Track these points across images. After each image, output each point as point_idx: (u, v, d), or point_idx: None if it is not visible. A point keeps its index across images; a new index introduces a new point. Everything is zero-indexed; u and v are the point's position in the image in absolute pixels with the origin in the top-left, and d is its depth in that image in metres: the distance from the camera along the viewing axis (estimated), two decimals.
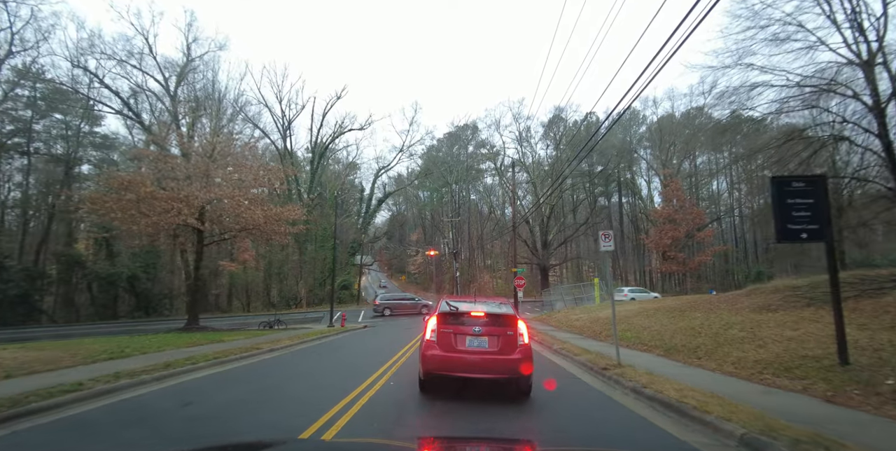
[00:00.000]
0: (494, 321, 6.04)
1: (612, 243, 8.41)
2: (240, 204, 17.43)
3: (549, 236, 43.91)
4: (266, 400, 6.03)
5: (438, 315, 6.16)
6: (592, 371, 8.32)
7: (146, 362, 8.45)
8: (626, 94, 9.09)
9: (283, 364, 9.76)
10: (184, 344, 11.86)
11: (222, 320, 30.68)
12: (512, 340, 5.94)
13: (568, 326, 19.29)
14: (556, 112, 49.75)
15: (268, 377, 8.12)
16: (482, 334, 5.95)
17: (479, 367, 5.84)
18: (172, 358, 8.86)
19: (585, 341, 13.92)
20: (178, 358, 8.85)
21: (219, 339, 13.52)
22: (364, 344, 14.72)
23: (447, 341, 5.96)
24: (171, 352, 10.11)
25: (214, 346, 11.77)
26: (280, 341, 13.48)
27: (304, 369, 8.98)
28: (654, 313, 15.39)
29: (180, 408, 5.58)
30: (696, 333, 10.59)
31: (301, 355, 11.34)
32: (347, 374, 8.24)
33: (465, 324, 6.03)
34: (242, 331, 18.68)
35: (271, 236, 19.75)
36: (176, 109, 27.22)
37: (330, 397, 5.99)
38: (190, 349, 10.81)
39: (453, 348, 5.92)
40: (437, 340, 6.01)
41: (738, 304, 12.83)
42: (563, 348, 11.32)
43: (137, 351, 9.85)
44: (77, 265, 29.15)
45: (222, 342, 12.85)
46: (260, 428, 4.64)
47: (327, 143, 47.36)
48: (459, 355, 5.88)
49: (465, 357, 5.85)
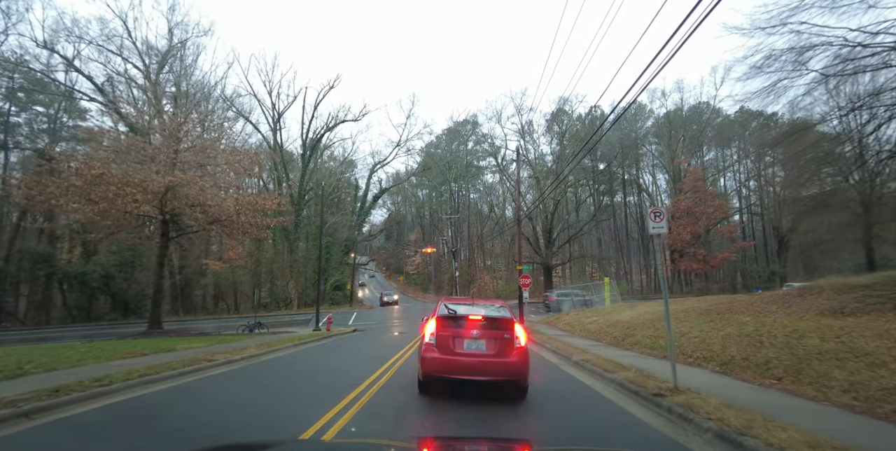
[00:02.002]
0: (492, 325, 6.06)
1: (665, 224, 6.25)
2: (205, 190, 15.15)
3: (553, 235, 41.73)
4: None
5: (437, 318, 6.16)
6: (639, 397, 6.16)
7: (35, 385, 6.26)
8: (635, 82, 8.16)
9: (230, 383, 7.58)
10: (119, 355, 9.68)
11: (204, 322, 28.48)
12: (509, 343, 5.98)
13: (581, 330, 17.12)
14: (559, 104, 47.63)
15: (196, 405, 5.95)
16: (480, 338, 5.99)
17: (477, 370, 5.85)
18: (77, 379, 6.67)
19: (608, 349, 11.75)
20: (85, 379, 6.66)
21: (170, 347, 11.32)
22: (343, 354, 12.54)
23: (446, 343, 5.98)
24: (88, 368, 7.91)
25: (158, 357, 9.58)
26: (244, 349, 11.29)
27: (247, 396, 6.70)
28: (686, 317, 13.22)
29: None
30: (755, 342, 8.42)
31: (259, 371, 9.15)
32: (305, 402, 6.08)
33: (463, 327, 6.04)
34: (214, 336, 16.48)
35: (247, 229, 17.57)
36: (157, 96, 25.17)
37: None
38: (119, 362, 8.63)
39: (451, 351, 5.94)
40: (435, 343, 6.02)
41: (794, 306, 10.67)
42: (585, 361, 9.15)
43: (43, 368, 7.66)
44: (46, 264, 26.93)
45: (172, 352, 10.67)
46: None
47: (320, 134, 45.15)
48: (458, 357, 5.90)
49: (463, 360, 5.88)
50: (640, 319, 15.32)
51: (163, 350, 10.75)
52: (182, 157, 15.49)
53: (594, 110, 52.28)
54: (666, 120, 49.08)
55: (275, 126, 43.63)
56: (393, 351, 11.61)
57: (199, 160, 15.92)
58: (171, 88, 30.98)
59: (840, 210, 29.93)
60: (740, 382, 6.76)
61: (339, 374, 8.42)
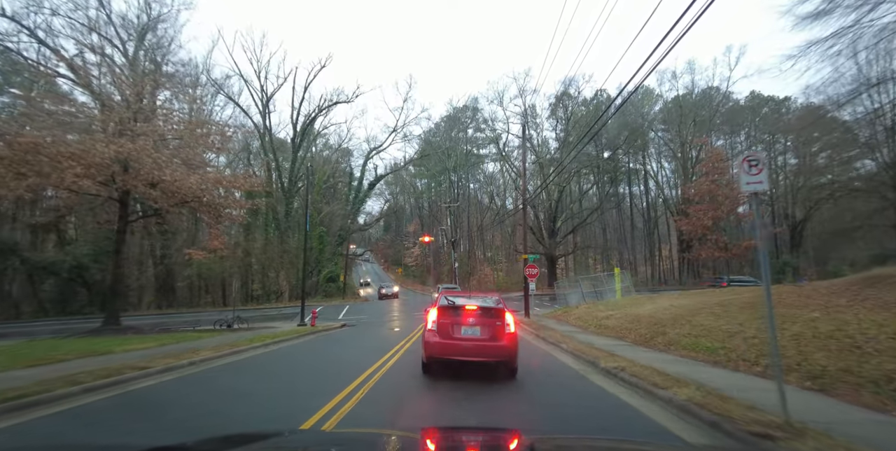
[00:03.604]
0: (485, 313, 6.93)
1: (765, 178, 4.18)
2: (162, 165, 12.88)
3: (557, 224, 39.64)
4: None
5: (438, 308, 7.04)
6: (720, 430, 4.14)
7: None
8: (645, 61, 7.68)
9: (137, 404, 5.56)
10: (32, 360, 7.68)
11: (184, 316, 26.44)
12: (500, 329, 6.79)
13: (597, 326, 15.14)
14: (565, 86, 45.20)
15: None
16: (475, 325, 6.83)
17: (473, 352, 6.69)
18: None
19: (638, 351, 9.74)
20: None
21: (106, 350, 9.31)
22: (324, 355, 10.56)
23: (446, 330, 6.83)
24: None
25: (73, 365, 7.58)
26: (198, 352, 9.28)
27: (134, 434, 4.57)
28: (725, 312, 11.21)
29: None
30: (850, 347, 6.40)
31: (203, 382, 7.15)
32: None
33: (460, 315, 6.90)
34: (178, 333, 14.49)
35: (220, 212, 15.48)
36: (136, 71, 22.85)
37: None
38: (16, 373, 6.62)
39: (451, 336, 6.79)
40: (437, 329, 6.86)
41: (871, 299, 8.66)
42: (619, 369, 7.14)
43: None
44: (11, 253, 24.87)
45: (104, 356, 8.67)
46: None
47: (312, 116, 42.68)
48: (456, 341, 6.75)
49: (460, 344, 6.72)
50: (666, 313, 13.32)
51: (93, 354, 8.74)
52: (136, 128, 13.22)
53: (600, 94, 49.98)
54: (676, 104, 46.75)
55: (264, 110, 41.34)
56: (379, 353, 9.60)
57: (155, 129, 13.65)
58: (150, 65, 28.59)
59: (868, 195, 28.06)
60: (864, 410, 4.73)
61: (290, 396, 6.19)
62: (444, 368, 6.97)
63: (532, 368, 8.07)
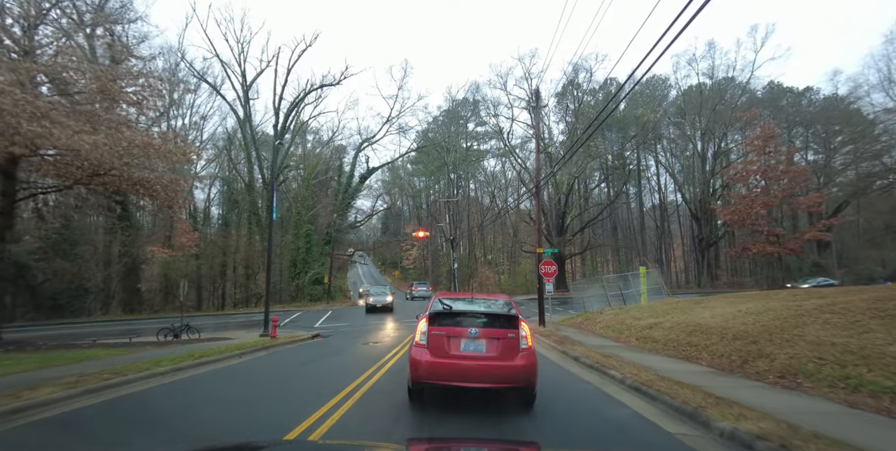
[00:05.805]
0: (493, 322, 5.22)
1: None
2: (52, 123, 9.19)
3: (567, 220, 36.05)
4: None
5: (430, 315, 5.30)
6: None
7: None
8: (659, 40, 6.42)
9: None
10: None
11: (135, 323, 22.56)
12: (513, 343, 5.09)
13: (639, 339, 11.49)
14: (575, 70, 41.67)
15: None
16: (479, 337, 5.12)
17: (476, 375, 4.97)
18: None
19: (739, 385, 6.07)
20: None
21: None
22: (250, 388, 6.87)
23: (439, 344, 5.14)
24: None
25: None
26: (33, 389, 5.63)
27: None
28: (850, 322, 7.59)
29: None
30: None
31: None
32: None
33: (460, 325, 5.20)
34: (77, 350, 10.81)
35: (170, 195, 11.76)
36: (93, 45, 19.37)
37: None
38: None
39: (446, 354, 5.11)
40: (427, 343, 5.18)
41: None
42: (760, 436, 3.52)
43: None
44: None
45: None
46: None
47: (297, 100, 38.98)
48: (453, 361, 5.06)
49: (459, 364, 5.03)
50: (744, 323, 9.64)
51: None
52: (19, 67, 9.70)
53: (609, 84, 46.66)
54: (697, 91, 43.23)
55: (245, 96, 37.80)
56: (347, 379, 6.00)
57: (35, 67, 10.06)
58: (109, 37, 25.00)
59: None
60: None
61: None
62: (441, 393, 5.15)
63: (581, 419, 4.50)
